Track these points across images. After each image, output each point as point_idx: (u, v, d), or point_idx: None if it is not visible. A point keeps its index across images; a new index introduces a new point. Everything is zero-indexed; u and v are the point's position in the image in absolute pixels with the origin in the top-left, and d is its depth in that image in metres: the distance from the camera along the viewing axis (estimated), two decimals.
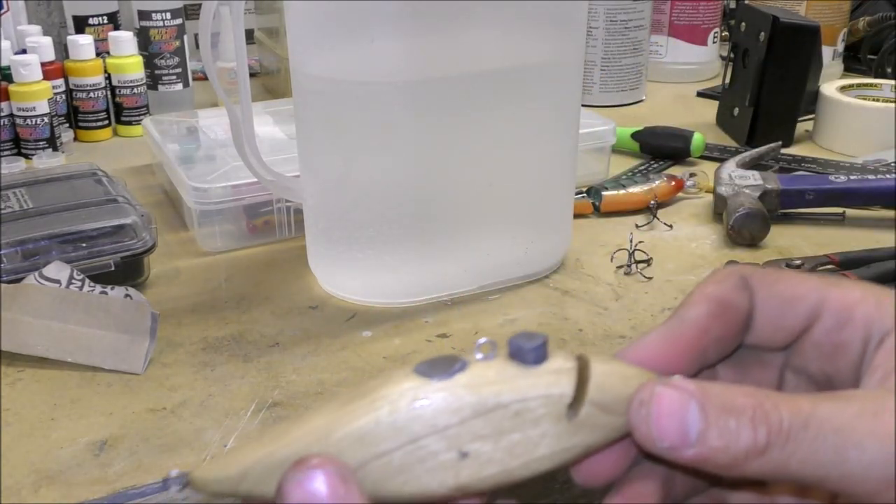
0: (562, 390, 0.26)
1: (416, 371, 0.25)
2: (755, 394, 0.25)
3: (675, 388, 0.25)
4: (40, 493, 0.42)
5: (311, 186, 0.58)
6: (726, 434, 0.24)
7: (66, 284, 0.54)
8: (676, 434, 0.24)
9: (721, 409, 0.24)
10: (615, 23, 0.99)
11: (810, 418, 0.24)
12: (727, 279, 0.29)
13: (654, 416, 0.25)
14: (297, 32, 0.55)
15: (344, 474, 0.24)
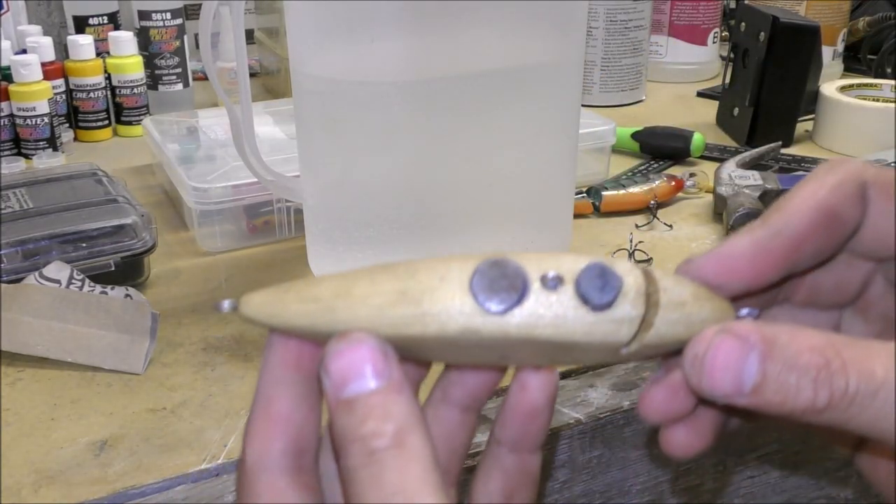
0: (619, 339, 0.25)
1: (472, 290, 0.25)
2: (825, 349, 0.23)
3: (737, 336, 0.24)
4: (40, 492, 0.42)
5: (311, 186, 0.58)
6: (784, 390, 0.23)
7: (67, 284, 0.54)
8: (731, 385, 0.24)
9: (783, 364, 0.23)
10: (615, 23, 0.99)
11: (881, 388, 0.22)
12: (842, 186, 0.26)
13: (707, 370, 0.24)
14: (297, 32, 0.55)
15: (385, 350, 0.24)
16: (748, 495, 0.60)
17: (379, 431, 0.23)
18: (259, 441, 0.27)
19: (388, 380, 0.24)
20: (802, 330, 0.24)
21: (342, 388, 0.24)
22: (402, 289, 0.25)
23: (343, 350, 0.24)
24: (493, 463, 0.30)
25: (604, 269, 0.25)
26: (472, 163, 0.56)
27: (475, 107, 0.54)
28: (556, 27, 0.56)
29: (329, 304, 0.26)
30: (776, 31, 0.83)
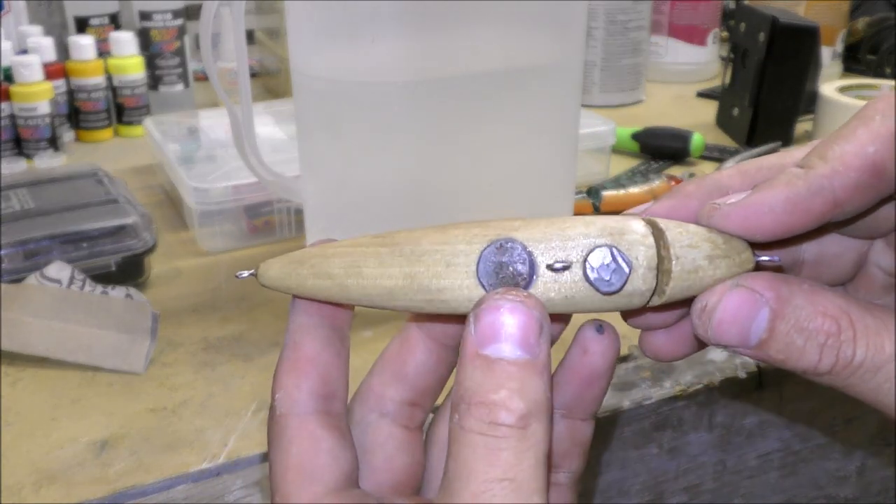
0: (630, 308, 0.25)
1: (478, 275, 0.24)
2: (839, 316, 0.23)
3: (751, 290, 0.23)
4: (41, 492, 0.42)
5: (311, 186, 0.58)
6: (788, 349, 0.23)
7: (67, 284, 0.54)
8: (736, 337, 0.23)
9: (794, 325, 0.23)
10: (615, 23, 0.99)
11: (887, 363, 0.22)
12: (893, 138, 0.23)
13: (715, 321, 0.23)
14: (297, 33, 0.55)
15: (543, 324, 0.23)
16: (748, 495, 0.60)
17: (510, 405, 0.22)
18: (287, 384, 0.27)
19: (535, 356, 0.23)
20: (820, 291, 0.23)
21: (486, 342, 0.23)
22: (409, 272, 0.25)
23: (502, 306, 0.23)
24: None
25: (613, 256, 0.24)
26: (472, 163, 0.56)
27: (475, 107, 0.54)
28: (556, 27, 0.56)
29: (341, 282, 0.27)
30: (776, 31, 0.83)
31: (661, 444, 0.55)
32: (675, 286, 0.24)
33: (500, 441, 0.22)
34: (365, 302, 0.26)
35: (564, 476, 0.29)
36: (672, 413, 0.53)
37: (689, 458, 0.57)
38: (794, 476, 0.61)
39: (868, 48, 1.10)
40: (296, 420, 0.27)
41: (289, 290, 0.28)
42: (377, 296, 0.26)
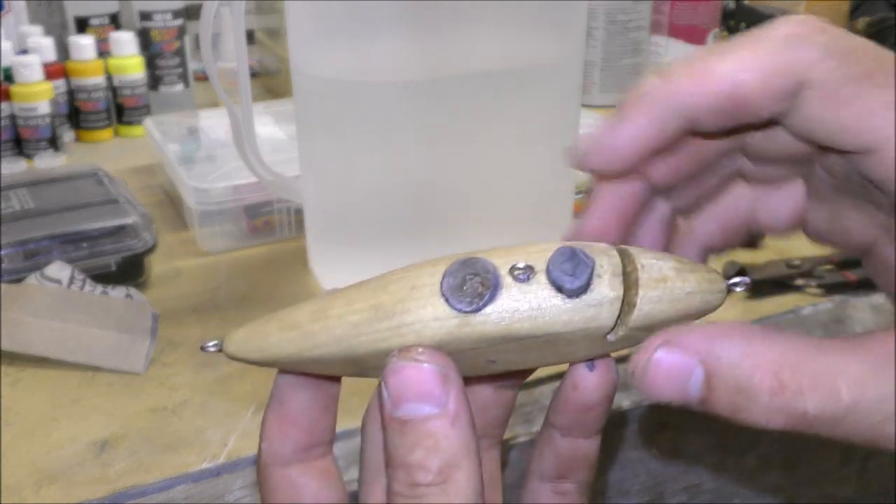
0: (600, 324, 0.24)
1: (443, 294, 0.24)
2: (780, 369, 0.20)
3: (679, 351, 0.22)
4: (41, 492, 0.42)
5: (311, 186, 0.58)
6: (734, 408, 0.21)
7: (67, 284, 0.54)
8: (676, 396, 0.22)
9: (731, 385, 0.21)
10: (615, 23, 0.99)
11: (848, 413, 0.20)
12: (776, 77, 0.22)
13: (649, 383, 0.22)
14: (297, 33, 0.55)
15: (447, 374, 0.23)
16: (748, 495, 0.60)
17: (425, 464, 0.23)
18: (272, 440, 0.28)
19: (442, 408, 0.23)
20: (760, 340, 0.21)
21: (397, 405, 0.23)
22: (375, 304, 0.25)
23: (402, 367, 0.23)
24: (546, 443, 0.29)
25: (573, 253, 0.24)
26: (473, 163, 0.56)
27: (475, 107, 0.54)
28: (556, 27, 0.56)
29: (308, 328, 0.25)
30: None
31: (661, 445, 0.55)
32: (645, 296, 0.24)
33: (422, 500, 0.23)
34: (332, 348, 0.25)
35: (571, 486, 0.29)
36: (672, 413, 0.53)
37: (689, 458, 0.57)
38: (794, 476, 0.61)
39: None
40: (278, 471, 0.28)
41: (255, 353, 0.26)
42: (343, 336, 0.25)
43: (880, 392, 0.19)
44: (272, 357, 0.26)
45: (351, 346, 0.25)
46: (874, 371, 0.20)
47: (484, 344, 0.24)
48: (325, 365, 0.26)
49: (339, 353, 0.25)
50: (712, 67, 0.21)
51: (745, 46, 0.21)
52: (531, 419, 0.49)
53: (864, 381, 0.20)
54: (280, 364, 0.26)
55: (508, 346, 0.24)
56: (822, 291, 0.59)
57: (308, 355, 0.25)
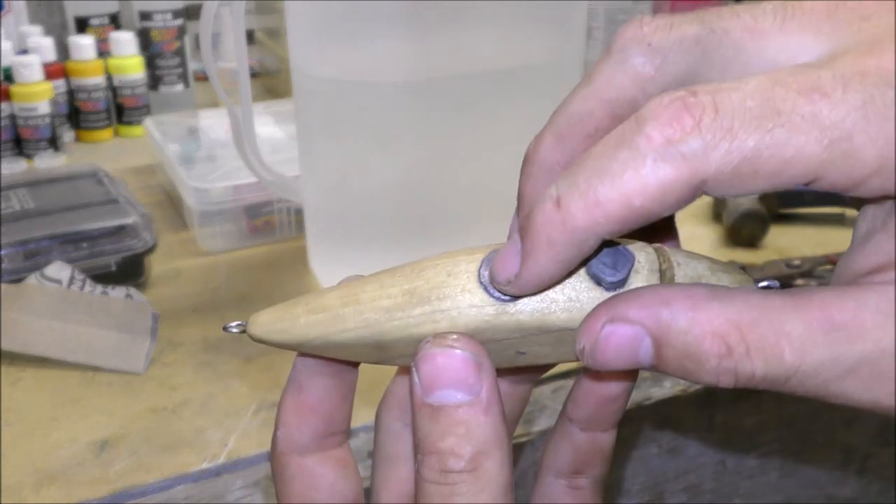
0: None
1: (481, 282, 0.24)
2: (728, 332, 0.20)
3: (628, 323, 0.22)
4: (41, 492, 0.42)
5: (311, 186, 0.58)
6: (684, 372, 0.21)
7: (68, 284, 0.54)
8: (628, 364, 0.22)
9: (680, 351, 0.21)
10: (615, 23, 0.99)
11: (793, 373, 0.20)
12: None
13: (598, 361, 0.22)
14: (297, 33, 0.55)
15: (480, 362, 0.23)
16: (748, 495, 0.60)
17: (457, 451, 0.23)
18: (289, 423, 0.27)
19: (475, 396, 0.23)
20: (706, 305, 0.21)
21: (429, 392, 0.23)
22: (409, 289, 0.25)
23: (436, 354, 0.23)
24: (563, 437, 0.29)
25: (615, 248, 0.24)
26: (473, 163, 0.56)
27: (475, 107, 0.54)
28: (556, 27, 0.56)
29: (337, 312, 0.25)
30: None
31: (661, 444, 0.55)
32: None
33: (453, 487, 0.23)
34: (361, 331, 0.25)
35: (586, 481, 0.30)
36: (672, 413, 0.53)
37: (689, 458, 0.57)
38: (794, 476, 0.61)
39: None
40: (295, 459, 0.28)
41: (281, 336, 0.26)
42: (374, 320, 0.25)
43: (820, 357, 0.20)
44: (298, 339, 0.26)
45: (382, 330, 0.25)
46: (815, 337, 0.20)
47: (518, 334, 0.24)
48: (351, 349, 0.26)
49: (369, 336, 0.25)
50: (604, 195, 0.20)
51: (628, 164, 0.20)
52: (531, 419, 0.49)
53: (806, 345, 0.20)
54: (304, 347, 0.26)
55: (541, 337, 0.24)
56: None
57: (335, 339, 0.25)
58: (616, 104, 0.24)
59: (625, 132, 0.20)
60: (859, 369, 0.20)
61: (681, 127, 0.19)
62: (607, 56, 0.24)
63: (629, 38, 0.23)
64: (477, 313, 0.24)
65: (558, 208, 0.21)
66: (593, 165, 0.20)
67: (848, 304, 0.20)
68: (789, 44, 0.22)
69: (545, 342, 0.25)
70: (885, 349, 0.20)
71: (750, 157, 0.19)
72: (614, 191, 0.20)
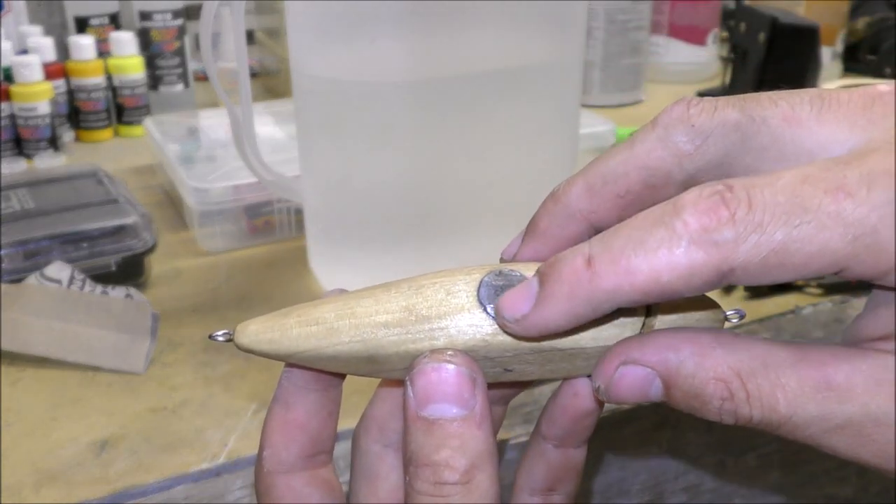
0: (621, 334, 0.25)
1: (480, 299, 0.25)
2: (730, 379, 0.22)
3: (640, 366, 0.23)
4: (41, 492, 0.42)
5: (311, 186, 0.58)
6: (690, 409, 0.23)
7: (67, 284, 0.54)
8: (639, 399, 0.24)
9: (687, 393, 0.23)
10: (615, 23, 0.99)
11: (785, 422, 0.22)
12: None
13: (612, 397, 0.24)
14: (297, 32, 0.55)
15: (475, 377, 0.24)
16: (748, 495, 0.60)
17: (452, 464, 0.23)
18: (276, 443, 0.28)
19: (470, 410, 0.24)
20: (711, 353, 0.23)
21: (423, 405, 0.24)
22: (407, 306, 0.25)
23: (432, 368, 0.24)
24: (536, 456, 0.30)
25: None
26: (472, 163, 0.56)
27: (475, 107, 0.54)
28: (556, 27, 0.56)
29: (332, 325, 0.25)
30: (775, 31, 0.83)
31: (661, 444, 0.55)
32: (663, 320, 0.25)
33: (447, 499, 0.23)
34: (356, 345, 0.25)
35: (559, 497, 0.30)
36: (672, 413, 0.53)
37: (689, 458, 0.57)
38: (794, 476, 0.61)
39: (868, 48, 1.10)
40: (283, 479, 0.28)
41: (270, 346, 0.26)
42: (371, 335, 0.25)
43: (813, 412, 0.22)
44: (288, 351, 0.26)
45: (378, 345, 0.25)
46: (811, 391, 0.22)
47: (510, 353, 0.25)
48: (341, 363, 0.26)
49: (363, 351, 0.25)
50: (634, 265, 0.21)
51: (663, 243, 0.21)
52: (531, 419, 0.49)
53: (798, 399, 0.22)
54: (293, 359, 0.26)
55: (532, 357, 0.25)
56: (822, 291, 0.59)
57: (328, 352, 0.25)
58: (652, 173, 0.25)
59: (664, 213, 0.21)
60: (846, 428, 0.22)
61: (717, 217, 0.21)
62: (651, 128, 0.25)
63: (675, 117, 0.25)
64: (475, 332, 0.25)
65: (588, 267, 0.22)
66: (629, 235, 0.22)
67: (843, 366, 0.22)
68: (824, 134, 0.23)
69: (535, 361, 0.25)
70: (870, 413, 0.21)
71: (777, 250, 0.20)
72: (646, 263, 0.21)
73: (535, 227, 0.28)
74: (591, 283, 0.22)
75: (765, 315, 0.57)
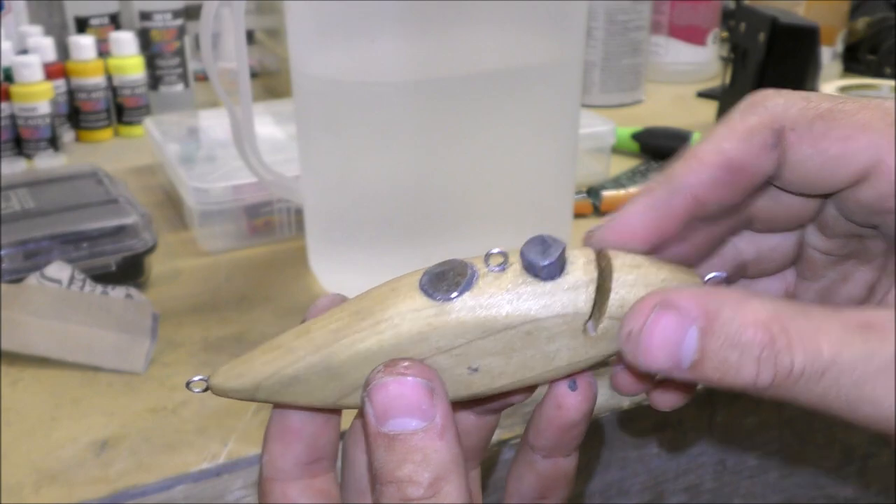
0: (577, 309, 0.24)
1: (421, 287, 0.24)
2: (771, 323, 0.21)
3: (676, 309, 0.22)
4: (41, 492, 0.42)
5: (311, 186, 0.58)
6: (724, 367, 0.22)
7: (68, 284, 0.54)
8: (668, 361, 0.22)
9: (725, 340, 0.21)
10: (615, 23, 0.99)
11: (829, 367, 0.21)
12: (752, 136, 0.24)
13: (643, 347, 0.22)
14: (297, 33, 0.55)
15: (432, 387, 0.24)
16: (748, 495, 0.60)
17: (415, 479, 0.23)
18: (273, 453, 0.28)
19: (430, 421, 0.23)
20: (749, 300, 0.22)
21: (383, 420, 0.23)
22: (355, 310, 0.25)
23: (388, 382, 0.23)
24: (526, 465, 0.30)
25: (543, 238, 0.25)
26: (472, 163, 0.56)
27: (475, 107, 0.54)
28: (556, 27, 0.56)
29: (289, 345, 0.26)
30: (776, 31, 0.83)
31: (661, 444, 0.55)
32: (619, 279, 0.24)
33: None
34: (311, 358, 0.25)
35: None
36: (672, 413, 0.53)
37: (689, 458, 0.57)
38: (794, 476, 0.61)
39: (868, 48, 1.10)
40: (279, 486, 0.28)
41: (238, 379, 0.26)
42: (322, 343, 0.25)
43: (856, 353, 0.21)
44: (254, 381, 0.26)
45: (330, 352, 0.25)
46: (852, 334, 0.21)
47: (463, 339, 0.24)
48: (305, 384, 0.25)
49: (319, 363, 0.25)
50: (699, 148, 0.23)
51: (722, 124, 0.23)
52: None
53: (842, 342, 0.21)
54: (260, 391, 0.26)
55: (488, 342, 0.24)
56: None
57: (287, 372, 0.25)
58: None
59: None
60: (890, 370, 0.21)
61: (765, 94, 0.24)
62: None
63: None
64: (417, 316, 0.24)
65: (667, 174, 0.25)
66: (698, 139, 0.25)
67: (883, 313, 0.21)
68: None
69: (494, 350, 0.24)
70: None
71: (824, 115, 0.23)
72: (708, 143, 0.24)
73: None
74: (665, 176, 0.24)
75: None
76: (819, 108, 0.23)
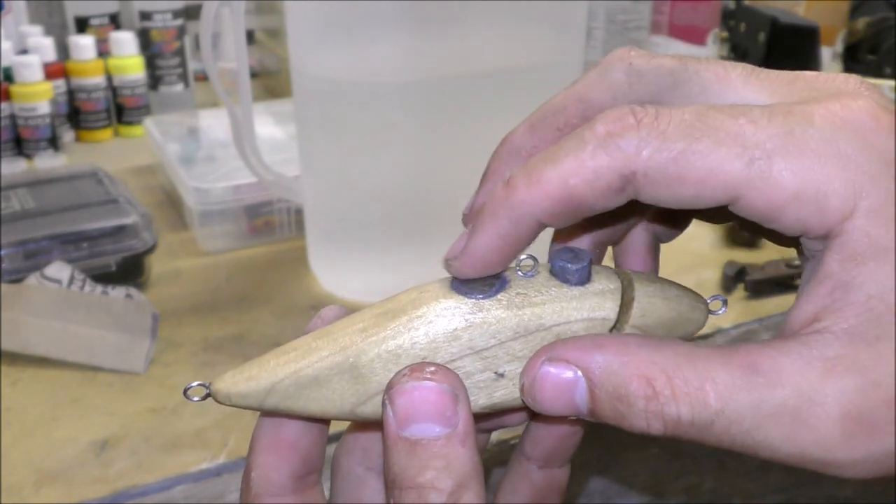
0: (605, 314, 0.25)
1: (453, 287, 0.24)
2: (655, 377, 0.21)
3: (564, 362, 0.23)
4: (41, 492, 0.42)
5: (311, 186, 0.58)
6: (617, 416, 0.22)
7: (68, 284, 0.54)
8: (566, 409, 0.23)
9: (612, 392, 0.22)
10: (615, 23, 0.99)
11: (717, 417, 0.21)
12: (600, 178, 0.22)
13: (539, 400, 0.23)
14: (297, 33, 0.55)
15: (456, 393, 0.23)
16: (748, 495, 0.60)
17: (438, 485, 0.23)
18: (265, 465, 0.27)
19: (453, 428, 0.23)
20: (638, 350, 0.22)
21: (405, 425, 0.23)
22: (381, 311, 0.25)
23: (412, 387, 0.23)
24: (520, 476, 0.29)
25: (569, 247, 0.26)
26: (472, 163, 0.55)
27: (475, 107, 0.54)
28: (556, 27, 0.56)
29: (309, 346, 0.25)
30: (775, 31, 0.83)
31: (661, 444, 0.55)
32: (641, 289, 0.25)
33: None
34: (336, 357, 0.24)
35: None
36: None
37: (689, 458, 0.57)
38: (794, 476, 0.61)
39: (868, 48, 1.10)
40: (272, 499, 0.27)
41: (248, 382, 0.25)
42: (350, 342, 0.24)
43: (743, 402, 0.21)
44: (267, 384, 0.25)
45: (358, 351, 0.24)
46: (740, 380, 0.21)
47: (495, 340, 0.24)
48: (325, 387, 0.25)
49: (345, 361, 0.24)
50: (545, 176, 0.22)
51: (571, 151, 0.22)
52: None
53: (729, 389, 0.21)
54: (272, 395, 0.25)
55: (517, 346, 0.24)
56: None
57: (307, 373, 0.24)
58: (588, 106, 0.26)
59: (579, 130, 0.23)
60: (781, 416, 0.21)
61: (623, 125, 0.22)
62: (593, 68, 0.26)
63: (616, 57, 0.26)
64: (453, 313, 0.24)
65: (506, 187, 0.23)
66: (545, 153, 0.23)
67: (769, 352, 0.21)
68: (748, 95, 0.24)
69: (522, 354, 0.25)
70: (802, 394, 0.21)
71: (677, 159, 0.21)
72: (555, 172, 0.22)
73: (486, 172, 0.28)
74: (508, 200, 0.23)
75: (764, 314, 0.57)
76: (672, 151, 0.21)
